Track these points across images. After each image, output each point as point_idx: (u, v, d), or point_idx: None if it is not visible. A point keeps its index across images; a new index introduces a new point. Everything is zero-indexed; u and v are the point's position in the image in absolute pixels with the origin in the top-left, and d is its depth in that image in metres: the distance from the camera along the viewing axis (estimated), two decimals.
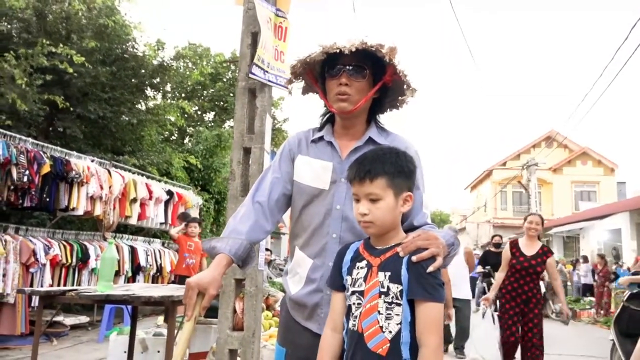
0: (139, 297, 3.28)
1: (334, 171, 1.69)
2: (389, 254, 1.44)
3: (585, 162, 30.47)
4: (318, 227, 1.68)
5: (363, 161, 1.47)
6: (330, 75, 1.67)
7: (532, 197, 23.90)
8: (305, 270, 1.70)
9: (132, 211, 8.44)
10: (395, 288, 1.38)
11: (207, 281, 1.49)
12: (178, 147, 13.44)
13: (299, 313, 1.72)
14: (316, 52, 1.62)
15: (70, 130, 9.18)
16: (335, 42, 1.58)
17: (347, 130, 1.73)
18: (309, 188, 1.71)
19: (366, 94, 1.67)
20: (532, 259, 5.05)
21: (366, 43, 1.57)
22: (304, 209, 1.72)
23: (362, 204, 1.44)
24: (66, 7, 9.56)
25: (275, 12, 3.17)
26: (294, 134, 1.85)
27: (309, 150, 1.76)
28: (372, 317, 1.39)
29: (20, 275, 6.32)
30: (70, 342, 6.84)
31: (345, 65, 1.63)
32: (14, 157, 6.06)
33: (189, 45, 15.83)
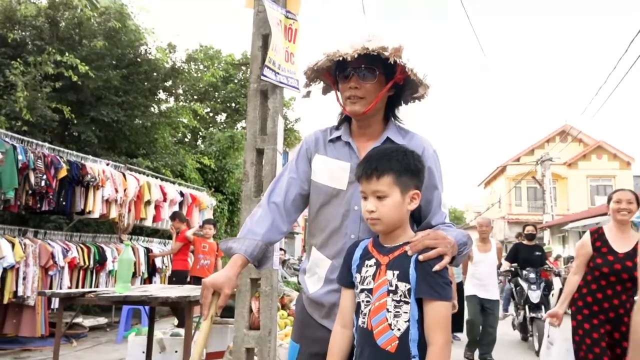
0: (156, 297, 3.34)
1: (352, 172, 1.67)
2: (397, 253, 1.46)
3: (601, 156, 30.10)
4: (336, 228, 1.69)
5: (370, 159, 1.49)
6: (341, 79, 1.68)
7: (547, 193, 23.71)
8: (324, 271, 1.71)
9: (147, 213, 8.54)
10: (404, 286, 1.41)
11: (222, 281, 1.51)
12: (191, 149, 13.55)
13: (316, 311, 1.74)
14: (322, 59, 1.64)
15: (85, 135, 9.31)
16: (338, 50, 1.59)
17: (364, 130, 1.74)
18: (326, 188, 1.71)
19: (377, 95, 1.66)
20: (626, 260, 3.36)
21: (367, 48, 1.56)
22: (321, 208, 1.73)
23: (369, 201, 1.47)
24: (78, 12, 9.70)
25: (286, 14, 3.20)
26: (312, 132, 1.85)
27: (326, 149, 1.76)
28: (381, 315, 1.41)
29: (40, 278, 6.43)
30: (90, 343, 6.94)
31: (355, 68, 1.63)
32: (31, 162, 6.17)
33: (200, 47, 15.98)
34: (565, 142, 25.73)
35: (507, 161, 31.75)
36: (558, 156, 23.88)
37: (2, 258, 5.84)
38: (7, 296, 6.01)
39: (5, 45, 8.78)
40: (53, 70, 8.22)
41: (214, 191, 11.99)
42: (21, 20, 9.02)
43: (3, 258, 5.85)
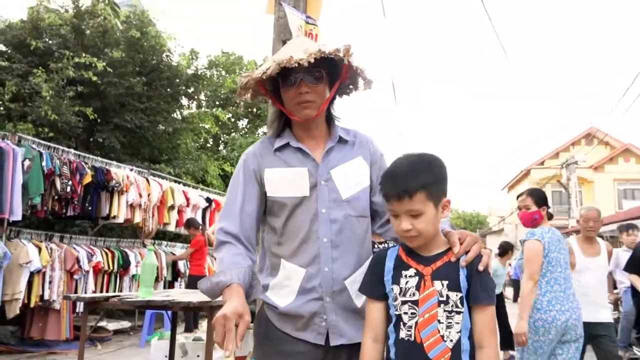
0: (178, 302, 3.35)
1: (311, 175, 1.65)
2: (440, 262, 1.43)
3: (628, 159, 29.52)
4: (306, 234, 1.63)
5: (395, 177, 1.43)
6: (287, 85, 1.63)
7: (573, 197, 23.29)
8: (298, 282, 1.63)
9: (170, 218, 8.63)
10: (455, 296, 1.38)
11: (241, 309, 1.41)
12: (213, 155, 13.67)
13: (290, 324, 1.65)
14: (271, 67, 1.57)
15: (109, 141, 9.47)
16: (292, 56, 1.54)
17: (311, 132, 1.71)
18: (288, 199, 1.65)
19: (326, 96, 1.67)
20: None
21: (324, 51, 1.54)
22: (288, 220, 1.66)
23: (403, 220, 1.41)
24: (102, 21, 9.90)
25: (306, 20, 3.20)
26: (248, 151, 1.76)
27: (274, 161, 1.69)
28: (432, 327, 1.37)
29: (65, 282, 6.54)
30: (114, 346, 7.03)
31: (303, 73, 1.60)
32: (57, 168, 6.29)
33: (222, 53, 16.15)
34: (591, 145, 25.29)
35: (532, 165, 31.37)
36: (584, 159, 23.48)
37: (29, 262, 5.96)
38: (34, 300, 6.12)
39: (32, 54, 8.98)
40: (74, 74, 8.39)
41: None
42: (47, 29, 9.23)
43: (30, 262, 5.96)
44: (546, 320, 3.22)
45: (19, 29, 9.18)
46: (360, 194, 1.70)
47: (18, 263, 5.90)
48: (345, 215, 1.65)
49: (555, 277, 3.31)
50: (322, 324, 1.62)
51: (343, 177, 1.68)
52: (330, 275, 1.61)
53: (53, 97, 8.10)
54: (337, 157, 1.70)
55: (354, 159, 1.72)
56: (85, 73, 8.51)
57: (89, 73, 8.53)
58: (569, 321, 3.22)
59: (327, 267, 1.61)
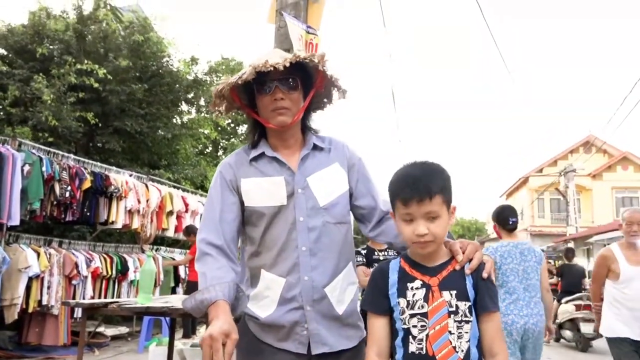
0: (177, 309, 3.36)
1: (288, 184, 1.65)
2: (446, 272, 1.42)
3: (627, 167, 29.59)
4: (284, 243, 1.63)
5: (415, 180, 1.41)
6: (262, 92, 1.64)
7: (571, 204, 23.34)
8: (278, 292, 1.63)
9: (168, 224, 8.64)
10: (464, 305, 1.38)
11: (227, 327, 1.38)
12: (212, 160, 13.68)
13: (272, 335, 1.66)
14: (247, 72, 1.57)
15: (109, 145, 9.49)
16: (268, 60, 1.55)
17: (286, 141, 1.72)
18: (266, 209, 1.65)
19: (301, 104, 1.68)
20: None
21: (299, 56, 1.57)
22: (267, 230, 1.66)
23: (420, 223, 1.39)
24: (104, 26, 9.94)
25: (306, 29, 3.24)
26: (224, 162, 1.76)
27: (250, 171, 1.69)
28: (443, 338, 1.36)
29: (63, 288, 6.54)
30: (111, 352, 7.01)
31: (279, 80, 1.61)
32: (57, 173, 6.30)
33: (222, 59, 16.18)
34: (589, 153, 25.35)
35: (530, 172, 31.42)
36: (582, 167, 23.53)
37: (28, 267, 5.96)
38: (32, 305, 6.12)
39: (34, 59, 9.02)
40: (76, 80, 8.42)
41: None
42: (50, 35, 9.26)
43: (29, 267, 5.96)
44: (506, 322, 3.44)
45: (21, 34, 9.22)
46: (338, 199, 1.70)
47: (17, 268, 5.90)
48: (324, 222, 1.65)
49: (512, 285, 3.56)
50: (303, 333, 1.62)
51: (320, 184, 1.68)
52: (310, 284, 1.61)
53: (54, 102, 8.12)
54: (313, 165, 1.70)
55: (330, 165, 1.73)
56: (87, 79, 8.54)
57: (91, 80, 8.56)
58: (527, 325, 3.45)
59: (307, 276, 1.61)
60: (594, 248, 20.39)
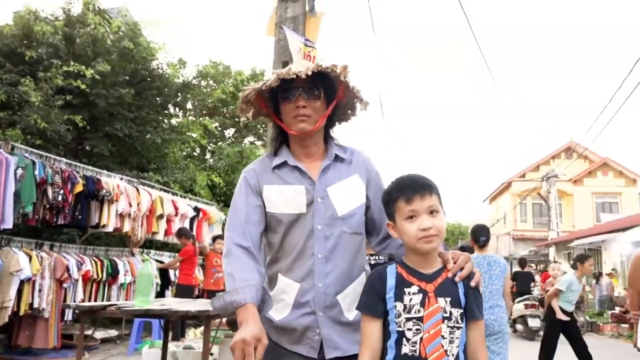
0: (176, 311, 3.46)
1: (308, 193, 1.70)
2: (441, 279, 1.49)
3: (606, 173, 30.16)
4: (301, 250, 1.68)
5: (414, 180, 1.52)
6: (285, 99, 1.69)
7: (552, 209, 23.72)
8: (292, 296, 1.69)
9: (158, 227, 8.68)
10: (457, 312, 1.46)
11: (258, 332, 1.43)
12: (200, 164, 13.72)
13: (286, 338, 1.71)
14: (271, 79, 1.63)
15: (97, 149, 9.50)
16: (291, 68, 1.61)
17: (308, 150, 1.76)
18: (285, 216, 1.70)
19: (323, 113, 1.72)
20: None
21: (321, 65, 1.62)
22: (285, 236, 1.71)
23: (424, 218, 1.47)
24: (92, 30, 9.95)
25: (305, 42, 3.37)
26: (248, 168, 1.82)
27: (272, 178, 1.74)
28: (436, 342, 1.43)
29: (54, 291, 6.56)
30: (101, 355, 7.05)
31: (302, 88, 1.66)
32: (49, 177, 6.34)
33: (210, 63, 16.22)
34: (571, 158, 25.80)
35: (513, 177, 31.81)
36: (563, 173, 23.94)
37: (20, 270, 5.98)
38: (23, 308, 6.13)
39: (22, 62, 9.01)
40: (63, 82, 8.44)
41: (222, 206, 12.15)
42: (38, 38, 9.26)
43: (20, 270, 5.98)
44: None
45: (10, 37, 9.20)
46: (355, 211, 1.74)
47: (8, 271, 5.91)
48: (340, 232, 1.70)
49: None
50: (315, 338, 1.66)
51: (339, 194, 1.72)
52: (323, 291, 1.66)
53: (42, 104, 8.13)
54: (334, 175, 1.74)
55: (350, 176, 1.76)
56: (74, 82, 8.56)
57: (79, 82, 8.59)
58: (487, 321, 4.17)
59: (321, 283, 1.66)
60: (575, 252, 20.80)
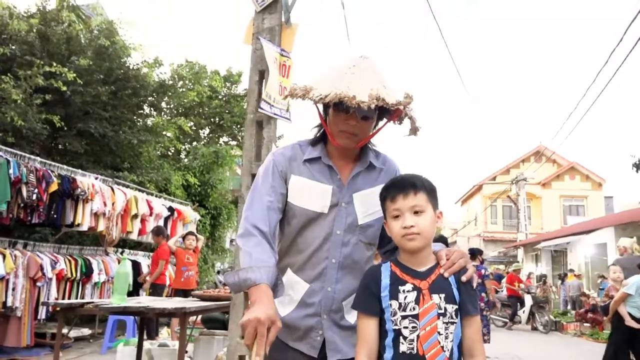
0: (153, 308, 3.59)
1: (334, 195, 1.67)
2: (434, 276, 1.51)
3: (574, 176, 31.03)
4: (315, 251, 1.67)
5: (402, 179, 1.56)
6: (338, 109, 1.62)
7: (522, 212, 24.32)
8: (300, 294, 1.69)
9: (133, 227, 8.72)
10: (451, 308, 1.48)
11: (273, 314, 1.39)
12: (175, 163, 13.72)
13: (288, 334, 1.70)
14: (330, 96, 1.54)
15: (71, 147, 9.46)
16: (355, 96, 1.51)
17: (344, 153, 1.72)
18: (307, 211, 1.67)
19: (369, 133, 1.69)
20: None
21: (386, 101, 1.52)
22: (301, 231, 1.69)
23: (407, 217, 1.49)
24: (67, 28, 9.91)
25: (280, 52, 3.53)
26: (280, 151, 1.76)
27: (302, 170, 1.70)
28: (433, 339, 1.45)
29: (28, 289, 6.56)
30: (74, 353, 7.07)
31: (357, 107, 1.56)
32: (24, 176, 6.35)
33: (186, 62, 16.20)
34: (540, 162, 26.48)
35: (484, 180, 32.44)
36: (532, 176, 24.57)
37: None
38: None
39: None
40: (43, 82, 8.41)
41: (197, 205, 12.21)
42: (12, 35, 9.19)
43: None
44: None
45: None
46: (375, 222, 1.72)
47: None
48: (357, 240, 1.69)
49: None
50: (317, 338, 1.67)
51: (363, 202, 1.70)
52: (331, 295, 1.67)
53: (21, 102, 8.09)
54: (363, 182, 1.72)
55: (378, 186, 1.70)
56: (55, 82, 8.54)
57: (59, 82, 8.56)
58: None
59: (330, 287, 1.66)
60: (542, 253, 21.40)
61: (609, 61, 9.30)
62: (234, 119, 15.98)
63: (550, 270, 20.35)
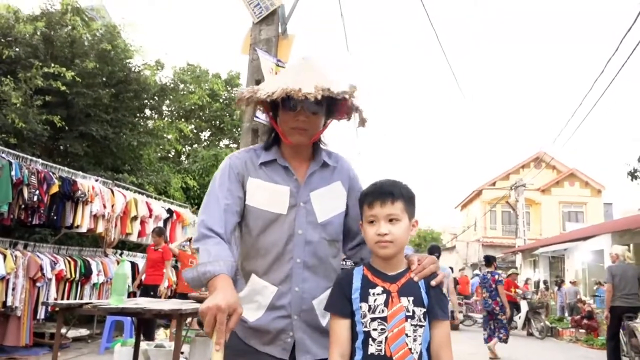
0: (150, 309, 3.68)
1: (292, 195, 1.69)
2: (404, 280, 1.54)
3: (573, 183, 31.07)
4: (280, 253, 1.67)
5: (381, 186, 1.57)
6: (286, 108, 1.66)
7: (520, 217, 24.38)
8: (268, 298, 1.67)
9: (132, 228, 8.82)
10: (419, 311, 1.50)
11: (234, 300, 1.38)
12: (175, 166, 13.83)
13: (257, 339, 1.69)
14: (277, 92, 1.59)
15: (72, 149, 9.57)
16: (301, 89, 1.56)
17: (298, 153, 1.76)
18: (265, 213, 1.68)
19: (320, 127, 1.73)
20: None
21: (332, 91, 1.59)
22: (261, 234, 1.69)
23: (382, 225, 1.52)
24: (71, 31, 10.03)
25: (276, 63, 3.64)
26: (236, 155, 1.79)
27: (258, 173, 1.72)
28: (400, 340, 1.46)
29: (27, 290, 6.67)
30: (73, 353, 7.15)
31: (304, 102, 1.63)
32: (26, 178, 6.46)
33: (187, 66, 16.33)
34: (539, 168, 26.53)
35: (483, 185, 32.48)
36: (531, 182, 24.61)
37: None
38: None
39: (1, 62, 9.05)
40: (42, 83, 8.52)
41: (196, 208, 12.30)
42: (17, 38, 9.31)
43: None
44: None
45: None
46: (334, 219, 1.75)
47: None
48: (320, 238, 1.70)
49: None
50: (287, 340, 1.66)
51: (321, 200, 1.73)
52: (300, 295, 1.66)
53: (21, 104, 8.20)
54: (318, 180, 1.75)
55: (333, 183, 1.77)
56: (54, 83, 8.65)
57: (58, 83, 8.68)
58: None
59: (298, 287, 1.66)
60: (540, 259, 21.46)
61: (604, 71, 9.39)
62: (235, 122, 16.10)
63: (548, 276, 20.40)
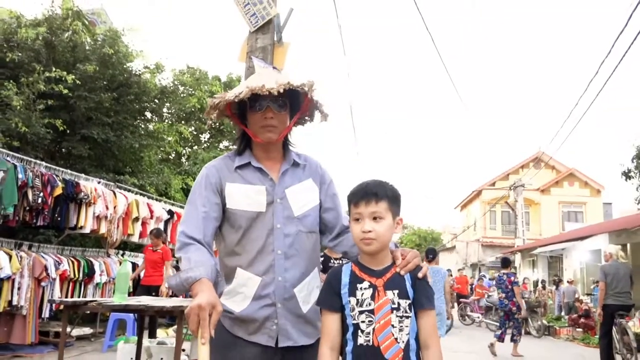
0: (152, 306, 3.84)
1: (268, 193, 1.83)
2: (390, 274, 1.63)
3: (572, 183, 31.18)
4: (262, 246, 1.80)
5: (367, 185, 1.66)
6: (254, 109, 1.81)
7: (519, 218, 24.47)
8: (253, 289, 1.79)
9: (134, 229, 8.99)
10: (405, 303, 1.59)
11: (214, 299, 1.50)
12: (175, 168, 13.98)
13: (243, 329, 1.80)
14: (243, 92, 1.74)
15: (75, 151, 9.73)
16: (264, 85, 1.72)
17: (269, 154, 1.90)
18: (246, 213, 1.81)
19: (288, 124, 1.89)
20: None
21: (292, 84, 1.75)
22: (245, 232, 1.82)
23: (366, 222, 1.61)
24: (73, 36, 10.20)
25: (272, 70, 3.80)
26: (211, 165, 1.91)
27: (235, 177, 1.85)
28: (387, 331, 1.56)
29: (32, 289, 6.84)
30: (76, 351, 7.31)
31: (270, 100, 1.78)
32: (30, 180, 6.63)
33: (187, 68, 16.48)
34: (539, 168, 26.62)
35: (483, 185, 32.58)
36: (530, 182, 24.68)
37: (0, 269, 6.26)
38: (2, 305, 6.40)
39: (3, 66, 9.23)
40: (45, 87, 8.69)
41: None
42: (20, 43, 9.48)
43: (1, 269, 6.26)
44: None
45: None
46: (309, 212, 1.90)
47: None
48: (297, 230, 1.85)
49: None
50: (273, 328, 1.79)
51: (295, 196, 1.88)
52: (282, 284, 1.79)
53: (24, 109, 8.37)
54: (291, 178, 1.91)
55: (305, 180, 1.93)
56: (56, 87, 8.82)
57: (60, 87, 8.84)
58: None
59: (280, 277, 1.79)
60: (538, 259, 21.59)
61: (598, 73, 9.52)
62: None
63: (547, 276, 20.52)
